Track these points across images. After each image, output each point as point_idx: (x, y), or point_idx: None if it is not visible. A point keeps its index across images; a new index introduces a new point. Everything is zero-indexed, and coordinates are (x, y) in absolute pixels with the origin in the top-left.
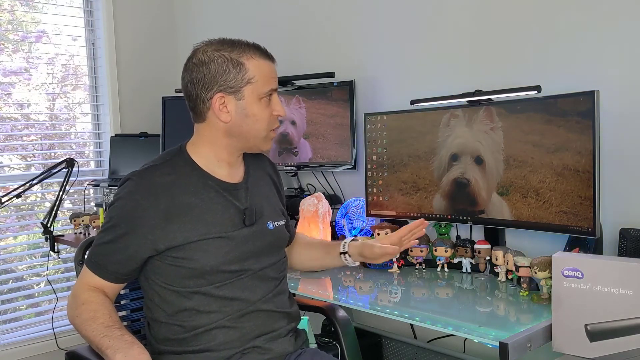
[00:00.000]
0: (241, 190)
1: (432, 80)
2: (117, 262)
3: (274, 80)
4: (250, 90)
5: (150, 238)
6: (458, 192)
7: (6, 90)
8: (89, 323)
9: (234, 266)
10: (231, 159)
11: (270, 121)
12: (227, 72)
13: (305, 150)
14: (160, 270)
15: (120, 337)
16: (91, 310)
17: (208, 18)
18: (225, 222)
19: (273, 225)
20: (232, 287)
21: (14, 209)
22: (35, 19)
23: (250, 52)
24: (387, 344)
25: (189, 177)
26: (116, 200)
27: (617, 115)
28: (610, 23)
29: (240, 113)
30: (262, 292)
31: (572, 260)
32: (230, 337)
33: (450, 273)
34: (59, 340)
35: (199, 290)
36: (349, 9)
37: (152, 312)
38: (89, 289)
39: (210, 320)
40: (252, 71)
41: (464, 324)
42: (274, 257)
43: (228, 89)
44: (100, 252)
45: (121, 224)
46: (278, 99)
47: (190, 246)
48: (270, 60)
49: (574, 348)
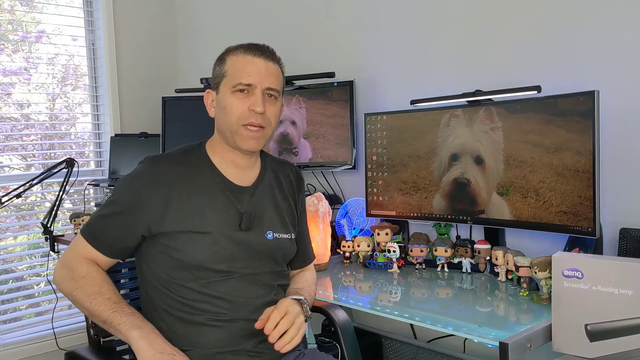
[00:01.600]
0: (246, 194)
1: (432, 80)
2: (112, 237)
3: (247, 74)
4: (224, 83)
5: (147, 220)
6: (458, 192)
7: (6, 90)
8: (94, 297)
9: (221, 266)
10: (237, 159)
11: (242, 115)
12: (214, 69)
13: (305, 150)
14: (152, 258)
15: (131, 314)
16: (95, 285)
17: (208, 18)
18: (222, 221)
19: (273, 236)
20: (218, 286)
21: (14, 209)
22: (35, 19)
23: (238, 50)
24: (387, 344)
25: (199, 171)
26: (125, 178)
27: (617, 115)
28: (610, 23)
29: (217, 106)
30: (251, 295)
31: (572, 260)
32: (218, 337)
33: (450, 273)
34: (59, 340)
35: (185, 284)
36: (349, 9)
37: (145, 302)
38: (87, 261)
39: (197, 315)
40: (228, 65)
41: (464, 324)
42: (270, 265)
43: (213, 85)
44: (98, 224)
45: (122, 202)
46: (259, 96)
47: (182, 236)
48: (254, 55)
49: (574, 348)
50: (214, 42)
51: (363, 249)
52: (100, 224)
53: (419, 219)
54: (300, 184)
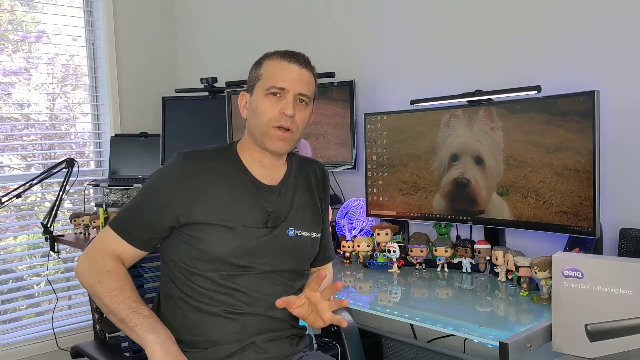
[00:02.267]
0: (273, 193)
1: (432, 80)
2: (141, 227)
3: (281, 79)
4: (258, 86)
5: (175, 211)
6: (458, 192)
7: (6, 90)
8: (115, 293)
9: (242, 261)
10: (264, 159)
11: (273, 117)
12: (250, 73)
13: (305, 150)
14: (176, 247)
15: (149, 317)
16: (117, 281)
17: (208, 18)
18: (248, 217)
19: (294, 233)
20: (238, 280)
21: (14, 209)
22: (35, 19)
23: (275, 55)
24: (387, 344)
25: (229, 169)
26: (157, 171)
27: (617, 115)
28: (610, 23)
29: (250, 108)
30: (269, 292)
31: (572, 260)
32: (230, 329)
33: (450, 273)
34: (59, 340)
35: (205, 274)
36: (349, 9)
37: (163, 288)
38: (113, 257)
39: (213, 306)
40: (263, 69)
41: (464, 324)
42: (290, 264)
43: (248, 88)
44: (127, 215)
45: (153, 193)
46: (291, 100)
47: (208, 228)
48: (290, 62)
49: (574, 348)
50: (213, 42)
51: (363, 249)
52: (129, 215)
53: (419, 219)
54: (326, 182)
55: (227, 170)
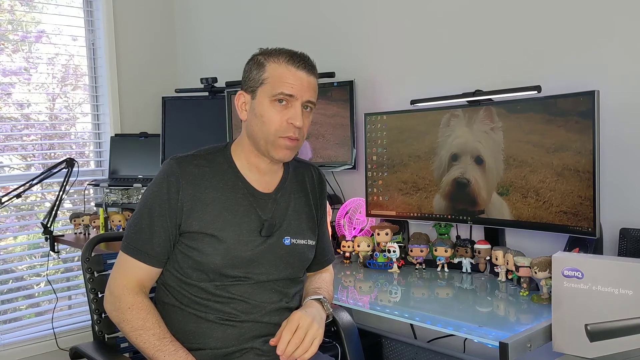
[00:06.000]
0: (268, 201)
1: (432, 80)
2: (158, 244)
3: (289, 86)
4: (263, 90)
5: (178, 218)
6: (458, 192)
7: (6, 90)
8: (139, 332)
9: (237, 272)
10: (261, 164)
11: (281, 127)
12: (250, 71)
13: (305, 150)
14: (172, 256)
15: (174, 353)
16: (139, 319)
17: (208, 18)
18: (243, 226)
19: (290, 241)
20: (233, 289)
21: (14, 209)
22: (35, 19)
23: (278, 57)
24: (387, 344)
25: (223, 174)
26: (153, 183)
27: (617, 115)
28: (610, 23)
29: (252, 112)
30: (265, 300)
31: (572, 260)
32: (228, 335)
33: (450, 273)
34: (59, 340)
35: (199, 285)
36: (349, 9)
37: (159, 296)
38: (132, 290)
39: (209, 314)
40: (268, 72)
41: (464, 324)
42: (285, 272)
43: (248, 88)
44: (140, 237)
45: (156, 207)
46: (299, 110)
47: (203, 238)
48: (297, 67)
49: (574, 348)
50: (213, 42)
51: (363, 249)
52: (142, 236)
53: (419, 219)
54: (322, 187)
55: (222, 176)
